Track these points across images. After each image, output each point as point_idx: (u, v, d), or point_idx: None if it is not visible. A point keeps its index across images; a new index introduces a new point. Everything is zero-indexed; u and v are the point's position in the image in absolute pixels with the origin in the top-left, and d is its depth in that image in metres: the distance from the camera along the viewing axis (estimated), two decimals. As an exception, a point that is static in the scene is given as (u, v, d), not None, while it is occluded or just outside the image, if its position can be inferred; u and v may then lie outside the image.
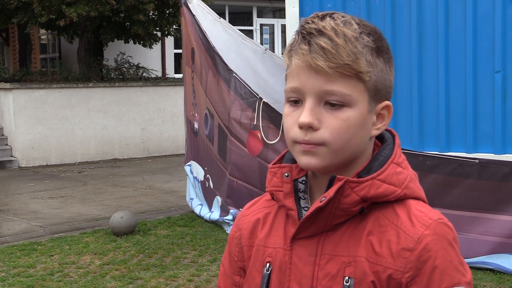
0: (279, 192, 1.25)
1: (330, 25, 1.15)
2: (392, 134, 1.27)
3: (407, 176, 1.21)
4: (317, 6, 6.84)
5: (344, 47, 1.14)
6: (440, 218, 1.18)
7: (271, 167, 1.27)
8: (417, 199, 1.22)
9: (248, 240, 1.33)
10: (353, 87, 1.16)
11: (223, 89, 6.77)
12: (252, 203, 1.39)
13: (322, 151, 1.17)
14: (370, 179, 1.18)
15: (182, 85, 9.11)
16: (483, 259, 5.26)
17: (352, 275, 1.18)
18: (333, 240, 1.21)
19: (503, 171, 5.14)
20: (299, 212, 1.23)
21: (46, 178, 10.88)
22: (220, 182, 7.08)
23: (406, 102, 6.47)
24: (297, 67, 1.17)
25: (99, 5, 11.75)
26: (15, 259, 6.04)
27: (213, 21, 7.42)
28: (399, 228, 1.17)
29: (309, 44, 1.15)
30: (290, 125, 1.19)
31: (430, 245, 1.15)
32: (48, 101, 12.38)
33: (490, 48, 6.00)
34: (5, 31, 18.48)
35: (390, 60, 1.22)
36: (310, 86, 1.16)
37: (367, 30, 1.18)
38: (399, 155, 1.23)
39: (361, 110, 1.17)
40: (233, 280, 1.37)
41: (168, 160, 12.81)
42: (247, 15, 19.30)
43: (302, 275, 1.22)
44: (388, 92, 1.22)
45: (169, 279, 5.36)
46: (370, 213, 1.20)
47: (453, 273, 1.15)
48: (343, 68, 1.14)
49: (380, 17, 6.56)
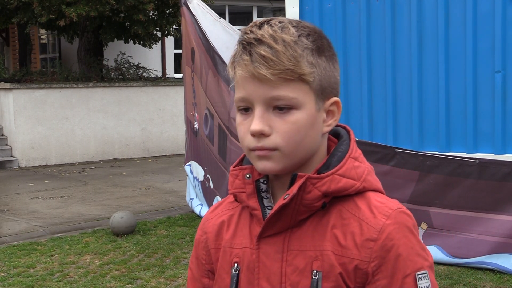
0: (242, 193, 1.29)
1: (268, 32, 1.18)
2: (346, 130, 1.31)
3: (364, 170, 1.25)
4: (317, 6, 6.84)
5: (284, 53, 1.17)
6: (399, 207, 1.22)
7: (232, 170, 1.31)
8: (375, 191, 1.26)
9: (214, 242, 1.36)
10: (298, 90, 1.19)
11: (223, 89, 6.77)
12: (215, 206, 1.42)
13: (276, 155, 1.20)
14: (330, 175, 1.21)
15: (182, 85, 9.11)
16: (483, 259, 5.26)
17: (319, 269, 1.21)
18: (298, 235, 1.24)
19: (503, 171, 5.14)
20: (263, 211, 1.26)
21: (46, 178, 10.88)
22: (220, 182, 7.08)
23: (406, 102, 6.47)
24: (241, 77, 1.20)
25: (99, 5, 11.75)
26: (15, 259, 6.05)
27: (213, 21, 7.42)
28: (361, 220, 1.21)
29: (250, 54, 1.18)
30: (244, 134, 1.22)
31: (392, 233, 1.19)
32: (48, 101, 12.38)
33: (490, 48, 6.00)
34: (5, 31, 18.48)
35: (332, 57, 1.25)
36: (256, 95, 1.19)
37: (305, 31, 1.21)
38: (355, 149, 1.27)
39: (309, 110, 1.20)
40: (202, 283, 1.39)
41: (168, 160, 12.81)
42: (247, 15, 19.30)
43: (270, 272, 1.25)
44: (334, 88, 1.25)
45: (169, 279, 5.37)
46: (332, 207, 1.24)
47: (415, 259, 1.20)
48: (285, 73, 1.17)
49: (380, 17, 6.56)
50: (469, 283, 5.02)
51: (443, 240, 5.39)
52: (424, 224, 5.45)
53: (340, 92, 1.31)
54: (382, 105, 6.55)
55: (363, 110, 6.69)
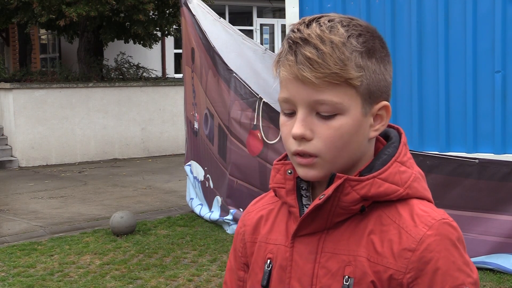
0: (281, 188, 1.25)
1: (316, 32, 1.13)
2: (399, 132, 1.26)
3: (411, 175, 1.20)
4: (317, 6, 6.84)
5: (331, 55, 1.11)
6: (444, 218, 1.17)
7: (275, 164, 1.27)
8: (422, 199, 1.20)
9: (251, 236, 1.34)
10: (344, 94, 1.14)
11: (223, 89, 6.77)
12: (258, 199, 1.40)
13: (318, 162, 1.16)
14: (371, 178, 1.16)
15: (182, 85, 9.11)
16: (483, 259, 5.26)
17: (351, 275, 1.17)
18: (334, 238, 1.20)
19: (503, 171, 5.14)
20: (301, 209, 1.23)
21: (46, 178, 10.88)
22: (220, 182, 7.08)
23: (406, 102, 6.48)
24: (285, 78, 1.16)
25: (99, 5, 11.74)
26: (15, 259, 6.04)
27: (213, 21, 7.42)
28: (401, 228, 1.16)
29: (295, 55, 1.13)
30: (286, 135, 1.19)
31: (433, 245, 1.13)
32: (48, 101, 12.38)
33: (490, 48, 6.00)
34: (5, 31, 18.48)
35: (384, 58, 1.19)
36: (299, 97, 1.15)
37: (356, 32, 1.15)
38: (404, 153, 1.21)
39: (354, 116, 1.15)
40: (237, 275, 1.38)
41: (168, 160, 12.81)
42: (247, 15, 19.30)
43: (302, 272, 1.22)
44: (384, 92, 1.19)
45: (169, 279, 5.37)
46: (372, 212, 1.19)
47: (456, 274, 1.14)
48: (331, 77, 1.12)
49: (380, 17, 6.56)
50: (469, 283, 5.02)
51: (443, 240, 5.39)
52: (424, 224, 5.44)
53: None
54: (382, 105, 6.55)
55: (363, 110, 6.69)
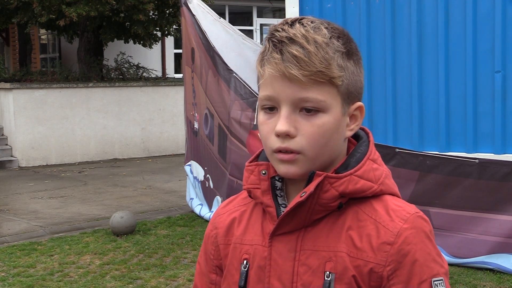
0: (256, 189, 1.27)
1: (301, 32, 1.16)
2: (365, 131, 1.30)
3: (382, 173, 1.24)
4: (317, 6, 6.84)
5: (316, 54, 1.15)
6: (417, 212, 1.21)
7: (248, 165, 1.29)
8: (392, 194, 1.25)
9: (224, 238, 1.35)
10: (327, 93, 1.17)
11: (223, 89, 6.77)
12: (228, 201, 1.41)
13: (300, 159, 1.19)
14: (348, 175, 1.20)
15: (182, 85, 9.11)
16: (483, 259, 5.26)
17: (332, 270, 1.19)
18: (312, 235, 1.23)
19: (503, 171, 5.14)
20: (277, 208, 1.25)
21: (46, 178, 10.88)
22: (220, 182, 7.08)
23: (406, 102, 6.47)
24: (270, 76, 1.18)
25: (99, 5, 11.74)
26: (15, 259, 6.05)
27: (213, 21, 7.42)
28: (378, 223, 1.19)
29: (281, 53, 1.16)
30: (267, 134, 1.20)
31: (410, 238, 1.17)
32: (48, 101, 12.38)
33: (490, 48, 6.00)
34: (5, 31, 18.48)
35: (359, 61, 1.24)
36: (285, 94, 1.17)
37: (336, 33, 1.20)
38: (374, 152, 1.26)
39: (335, 114, 1.19)
40: (209, 278, 1.38)
41: (168, 160, 12.81)
42: (247, 15, 19.30)
43: (282, 270, 1.24)
44: (359, 93, 1.24)
45: (169, 279, 5.37)
46: (348, 208, 1.22)
47: (432, 265, 1.18)
48: (316, 75, 1.16)
49: (380, 17, 6.56)
50: (469, 283, 5.02)
51: (443, 240, 5.39)
52: (424, 224, 5.44)
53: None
54: (382, 105, 6.55)
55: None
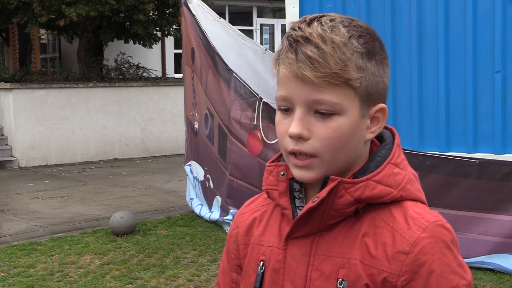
0: (274, 190, 1.25)
1: (317, 31, 1.12)
2: (392, 133, 1.25)
3: (404, 177, 1.19)
4: (317, 6, 6.84)
5: (332, 55, 1.11)
6: (438, 220, 1.15)
7: (268, 165, 1.26)
8: (415, 200, 1.19)
9: (244, 238, 1.33)
10: (343, 95, 1.13)
11: (223, 89, 6.77)
12: (251, 201, 1.39)
13: (315, 163, 1.15)
14: (365, 180, 1.16)
15: (182, 85, 9.11)
16: (483, 259, 5.26)
17: (345, 277, 1.16)
18: (327, 240, 1.20)
19: (503, 171, 5.14)
20: (294, 211, 1.22)
21: (46, 178, 10.88)
22: (220, 182, 7.08)
23: (406, 102, 6.47)
24: (284, 76, 1.15)
25: (99, 5, 11.74)
26: (15, 259, 6.04)
27: (213, 21, 7.43)
28: (395, 230, 1.15)
29: (295, 53, 1.13)
30: (282, 134, 1.17)
31: (427, 248, 1.12)
32: (48, 101, 12.38)
33: (490, 48, 6.00)
34: (5, 31, 18.48)
35: (383, 60, 1.18)
36: (298, 96, 1.14)
37: (357, 32, 1.15)
38: (397, 155, 1.20)
39: (352, 117, 1.14)
40: (230, 277, 1.37)
41: (168, 160, 12.81)
42: (247, 15, 19.30)
43: (295, 275, 1.21)
44: (381, 94, 1.18)
45: (169, 279, 5.36)
46: (365, 214, 1.18)
47: (450, 276, 1.13)
48: (331, 77, 1.11)
49: (380, 17, 6.56)
50: (469, 283, 5.02)
51: (443, 240, 5.38)
52: (424, 224, 5.44)
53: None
54: (382, 105, 6.55)
55: (363, 110, 6.68)
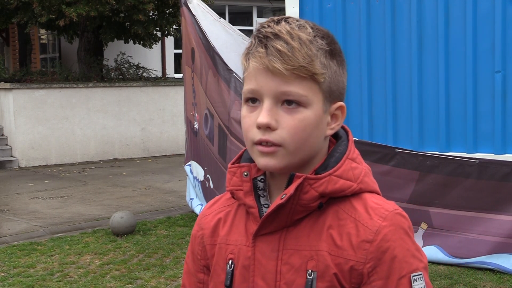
0: (239, 191, 1.29)
1: (286, 28, 1.20)
2: (345, 130, 1.32)
3: (361, 171, 1.26)
4: (317, 6, 6.84)
5: (300, 50, 1.18)
6: (396, 209, 1.24)
7: (230, 167, 1.31)
8: (372, 192, 1.27)
9: (210, 238, 1.37)
10: (309, 88, 1.20)
11: (223, 89, 6.77)
12: (213, 202, 1.43)
13: (280, 152, 1.21)
14: (327, 175, 1.22)
15: (182, 85, 9.11)
16: (483, 259, 5.26)
17: (314, 268, 1.22)
18: (294, 235, 1.25)
19: (503, 171, 5.14)
20: (260, 209, 1.27)
21: (46, 178, 10.88)
22: (220, 182, 7.08)
23: (406, 102, 6.48)
24: (254, 69, 1.21)
25: (99, 5, 11.75)
26: (15, 259, 6.05)
27: (213, 21, 7.42)
28: (357, 221, 1.22)
29: (265, 47, 1.20)
30: (249, 126, 1.23)
31: (388, 235, 1.20)
32: (48, 101, 12.38)
33: (490, 48, 6.00)
34: (5, 31, 18.48)
35: (342, 62, 1.27)
36: (267, 88, 1.20)
37: (320, 33, 1.23)
38: (353, 150, 1.28)
39: (316, 110, 1.21)
40: (197, 277, 1.41)
41: (168, 160, 12.81)
42: (247, 15, 19.30)
43: (266, 270, 1.26)
44: (341, 93, 1.27)
45: (169, 279, 5.37)
46: (328, 207, 1.25)
47: (411, 260, 1.21)
48: (299, 70, 1.18)
49: (380, 17, 6.56)
50: (469, 283, 5.02)
51: (443, 240, 5.39)
52: (424, 224, 5.44)
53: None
54: (382, 105, 6.55)
55: (363, 110, 6.69)
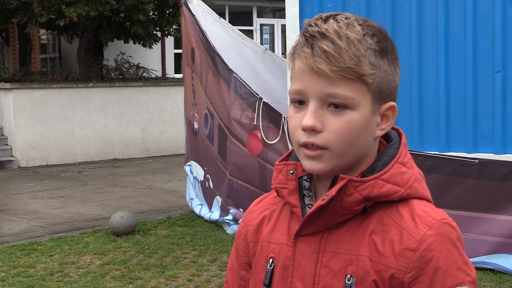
0: (284, 189, 1.27)
1: (333, 28, 1.16)
2: (399, 133, 1.28)
3: (411, 176, 1.22)
4: (317, 6, 6.84)
5: (347, 50, 1.14)
6: (444, 218, 1.19)
7: (277, 164, 1.29)
8: (422, 199, 1.22)
9: (254, 236, 1.36)
10: (356, 90, 1.17)
11: (223, 89, 6.77)
12: (260, 199, 1.41)
13: (327, 155, 1.18)
14: (373, 179, 1.19)
15: (182, 85, 9.11)
16: (483, 259, 5.26)
17: (354, 274, 1.19)
18: (336, 238, 1.22)
19: (503, 171, 5.14)
20: (303, 209, 1.25)
21: (46, 178, 10.88)
22: (220, 182, 7.08)
23: (406, 102, 6.47)
24: (300, 70, 1.18)
25: (99, 5, 11.74)
26: (15, 259, 6.04)
27: (213, 21, 7.43)
28: (402, 228, 1.18)
29: (311, 48, 1.16)
30: (295, 127, 1.20)
31: (433, 245, 1.16)
32: (48, 101, 12.38)
33: (490, 48, 6.00)
34: (5, 31, 18.47)
35: (395, 60, 1.23)
36: (313, 89, 1.17)
37: (371, 31, 1.19)
38: (404, 154, 1.24)
39: (364, 112, 1.18)
40: (239, 274, 1.39)
41: (168, 160, 12.81)
42: (247, 15, 19.30)
43: (304, 271, 1.24)
44: (392, 92, 1.23)
45: (169, 279, 5.37)
46: (373, 212, 1.21)
47: (456, 273, 1.16)
48: (345, 72, 1.15)
49: (380, 17, 6.56)
50: (469, 283, 5.02)
51: (443, 240, 5.38)
52: (424, 224, 5.44)
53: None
54: (382, 105, 6.55)
55: (363, 110, 6.68)
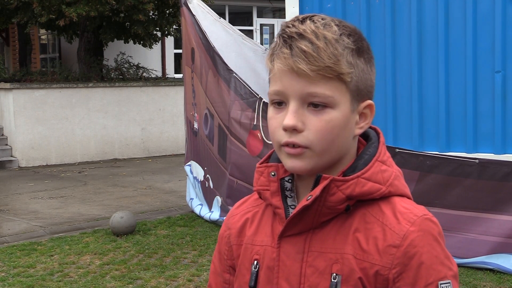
0: (266, 191, 1.28)
1: (311, 28, 1.17)
2: (376, 132, 1.30)
3: (391, 174, 1.23)
4: (317, 6, 6.84)
5: (325, 50, 1.16)
6: (425, 214, 1.21)
7: (258, 167, 1.30)
8: (402, 196, 1.24)
9: (237, 239, 1.36)
10: (335, 89, 1.18)
11: (223, 89, 6.77)
12: (241, 202, 1.42)
13: (308, 154, 1.19)
14: (355, 178, 1.20)
15: (182, 85, 9.11)
16: (483, 259, 5.26)
17: (339, 272, 1.20)
18: (320, 237, 1.23)
19: (503, 171, 5.14)
20: (286, 210, 1.26)
21: (46, 178, 10.88)
22: (220, 182, 7.08)
23: (406, 102, 6.47)
24: (279, 70, 1.19)
25: (99, 5, 11.75)
26: (15, 259, 6.04)
27: (213, 21, 7.43)
28: (385, 225, 1.19)
29: (290, 48, 1.17)
30: (275, 128, 1.21)
31: (416, 241, 1.17)
32: (48, 101, 12.38)
33: (490, 48, 6.00)
34: (5, 31, 18.48)
35: (370, 60, 1.24)
36: (293, 89, 1.18)
37: (347, 31, 1.20)
38: (383, 153, 1.25)
39: (343, 110, 1.19)
40: (223, 277, 1.40)
41: (168, 160, 12.81)
42: (247, 15, 19.30)
43: (290, 272, 1.25)
44: (369, 91, 1.25)
45: (169, 279, 5.37)
46: (356, 210, 1.22)
47: (439, 268, 1.18)
48: (324, 71, 1.16)
49: (380, 17, 6.56)
50: (469, 283, 5.02)
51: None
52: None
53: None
54: (382, 105, 6.55)
55: (363, 110, 6.68)
